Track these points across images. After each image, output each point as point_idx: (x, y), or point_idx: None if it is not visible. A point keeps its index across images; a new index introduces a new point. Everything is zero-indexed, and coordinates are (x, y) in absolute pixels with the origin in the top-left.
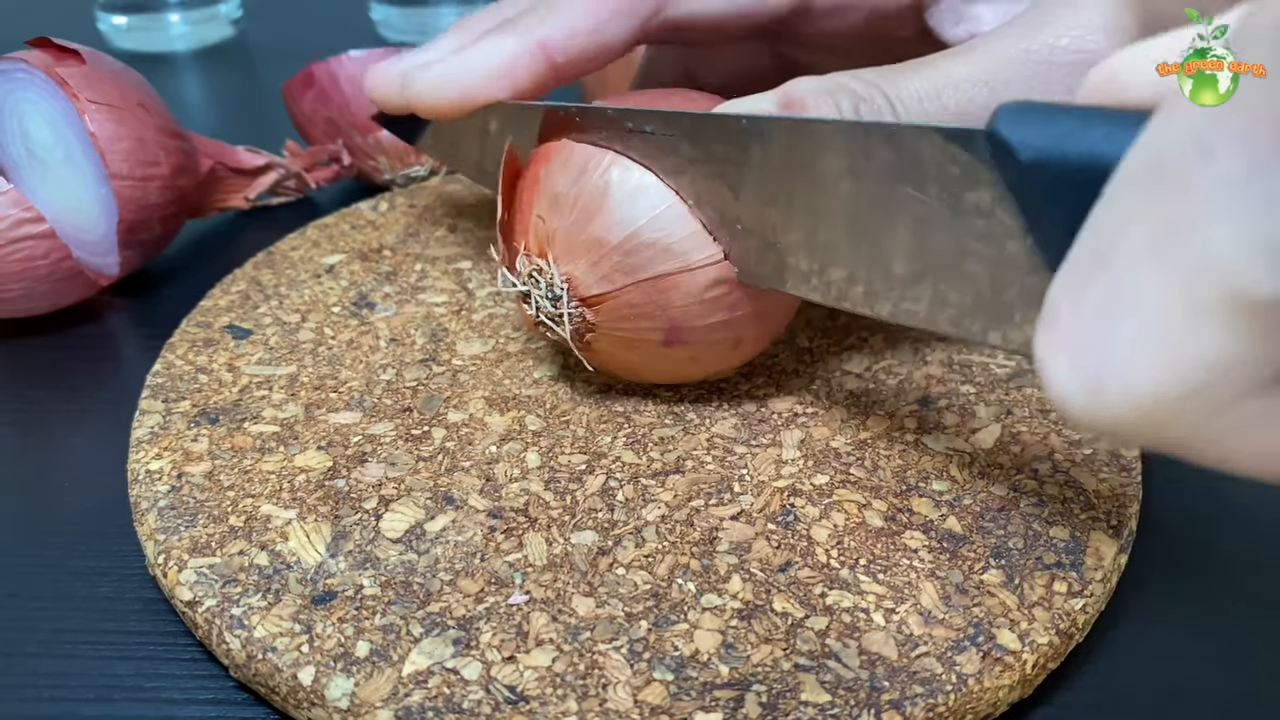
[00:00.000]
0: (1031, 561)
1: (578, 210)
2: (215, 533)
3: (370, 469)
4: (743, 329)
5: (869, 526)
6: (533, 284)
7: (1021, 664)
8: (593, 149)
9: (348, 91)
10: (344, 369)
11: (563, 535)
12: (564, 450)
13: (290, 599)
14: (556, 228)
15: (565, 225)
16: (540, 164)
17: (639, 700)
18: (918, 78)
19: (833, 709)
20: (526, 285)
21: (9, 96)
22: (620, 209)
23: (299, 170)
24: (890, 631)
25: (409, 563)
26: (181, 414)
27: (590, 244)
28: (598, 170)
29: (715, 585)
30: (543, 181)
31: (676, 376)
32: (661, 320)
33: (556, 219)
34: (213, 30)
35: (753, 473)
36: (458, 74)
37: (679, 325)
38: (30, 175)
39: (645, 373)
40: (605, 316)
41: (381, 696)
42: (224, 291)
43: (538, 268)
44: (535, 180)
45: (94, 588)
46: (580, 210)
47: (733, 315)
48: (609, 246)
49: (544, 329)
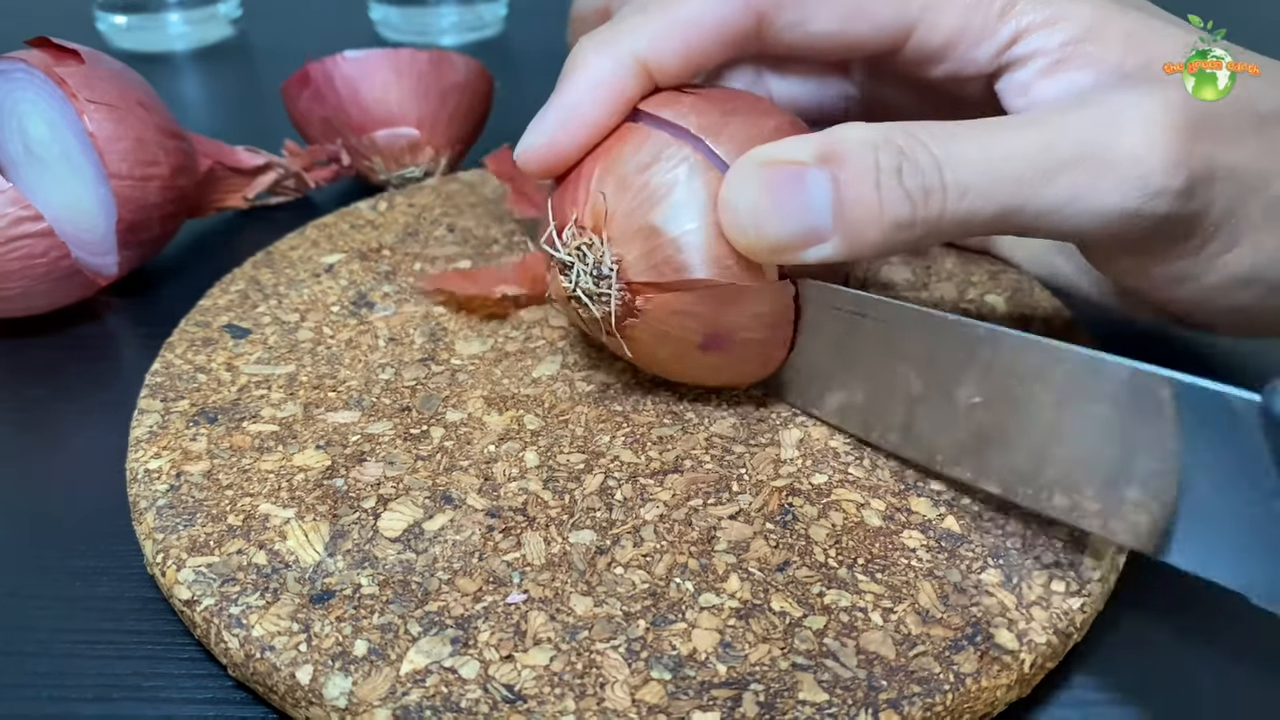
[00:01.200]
0: (1030, 561)
1: (644, 195)
2: (214, 532)
3: (369, 468)
4: (775, 349)
5: (867, 526)
6: (578, 256)
7: (1019, 664)
8: (670, 138)
9: (343, 92)
10: (343, 368)
11: (561, 534)
12: (562, 449)
13: (288, 598)
14: (617, 207)
15: (627, 207)
16: (611, 140)
17: (637, 699)
18: (970, 142)
19: (830, 708)
20: (571, 257)
21: (8, 96)
22: (687, 206)
23: (298, 170)
24: (888, 631)
25: (407, 562)
26: (180, 413)
27: (649, 231)
28: (671, 162)
29: (713, 584)
30: (612, 158)
31: (693, 379)
32: (705, 324)
33: (618, 198)
34: (212, 30)
35: (751, 472)
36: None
37: (720, 333)
38: (29, 174)
39: (666, 369)
40: (651, 306)
41: (379, 695)
42: (223, 291)
43: (588, 242)
44: (601, 154)
45: (93, 587)
46: (646, 196)
47: (772, 335)
48: (666, 238)
49: (576, 304)
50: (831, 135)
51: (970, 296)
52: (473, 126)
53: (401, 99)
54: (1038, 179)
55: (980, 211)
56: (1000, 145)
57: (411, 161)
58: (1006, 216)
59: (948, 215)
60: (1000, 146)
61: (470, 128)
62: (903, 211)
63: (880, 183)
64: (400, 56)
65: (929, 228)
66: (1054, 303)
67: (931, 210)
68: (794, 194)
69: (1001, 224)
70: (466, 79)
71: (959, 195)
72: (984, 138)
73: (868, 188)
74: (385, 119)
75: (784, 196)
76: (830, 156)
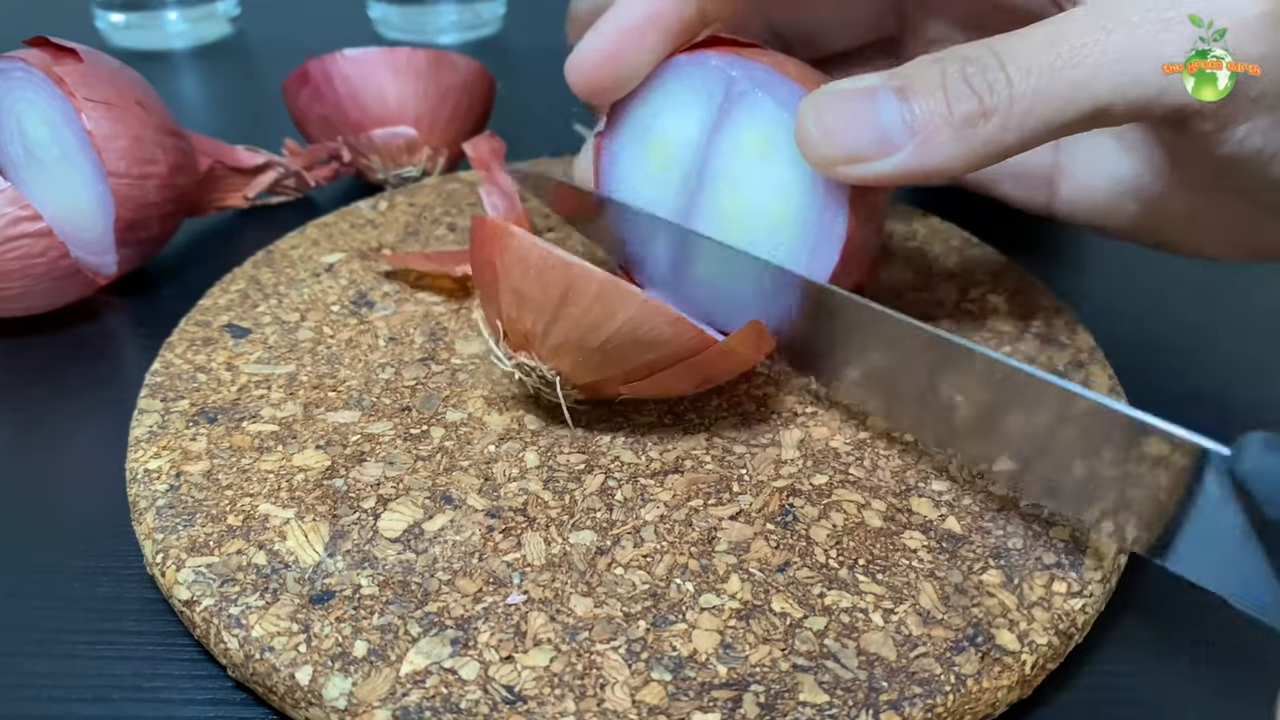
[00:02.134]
0: (1031, 562)
1: (548, 315)
2: (213, 532)
3: (369, 468)
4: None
5: (868, 526)
6: (523, 371)
7: (1020, 664)
8: (544, 247)
9: (341, 90)
10: (343, 368)
11: (561, 535)
12: (562, 450)
13: (288, 598)
14: (531, 328)
15: (540, 327)
16: (492, 251)
17: (637, 700)
18: (1034, 43)
19: (831, 709)
20: (515, 371)
21: (7, 95)
22: (591, 312)
23: (298, 169)
24: (889, 632)
25: (407, 562)
26: (180, 413)
27: (570, 345)
28: (558, 273)
29: (714, 585)
30: (501, 275)
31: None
32: (684, 379)
33: (529, 319)
34: (211, 28)
35: (752, 472)
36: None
37: (700, 377)
38: (28, 174)
39: None
40: (612, 389)
41: (379, 696)
42: (223, 290)
43: (524, 361)
44: (492, 269)
45: (92, 587)
46: (551, 315)
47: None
48: (590, 348)
49: None
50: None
51: (972, 296)
52: (472, 126)
53: (399, 98)
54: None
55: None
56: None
57: (409, 161)
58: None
59: (1016, 104)
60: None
61: (469, 127)
62: (970, 106)
63: (946, 85)
64: (398, 55)
65: (1000, 123)
66: (1055, 302)
67: (999, 100)
68: (865, 108)
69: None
70: (466, 79)
71: (1022, 81)
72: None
73: (934, 89)
74: (383, 118)
75: (856, 111)
76: (897, 74)
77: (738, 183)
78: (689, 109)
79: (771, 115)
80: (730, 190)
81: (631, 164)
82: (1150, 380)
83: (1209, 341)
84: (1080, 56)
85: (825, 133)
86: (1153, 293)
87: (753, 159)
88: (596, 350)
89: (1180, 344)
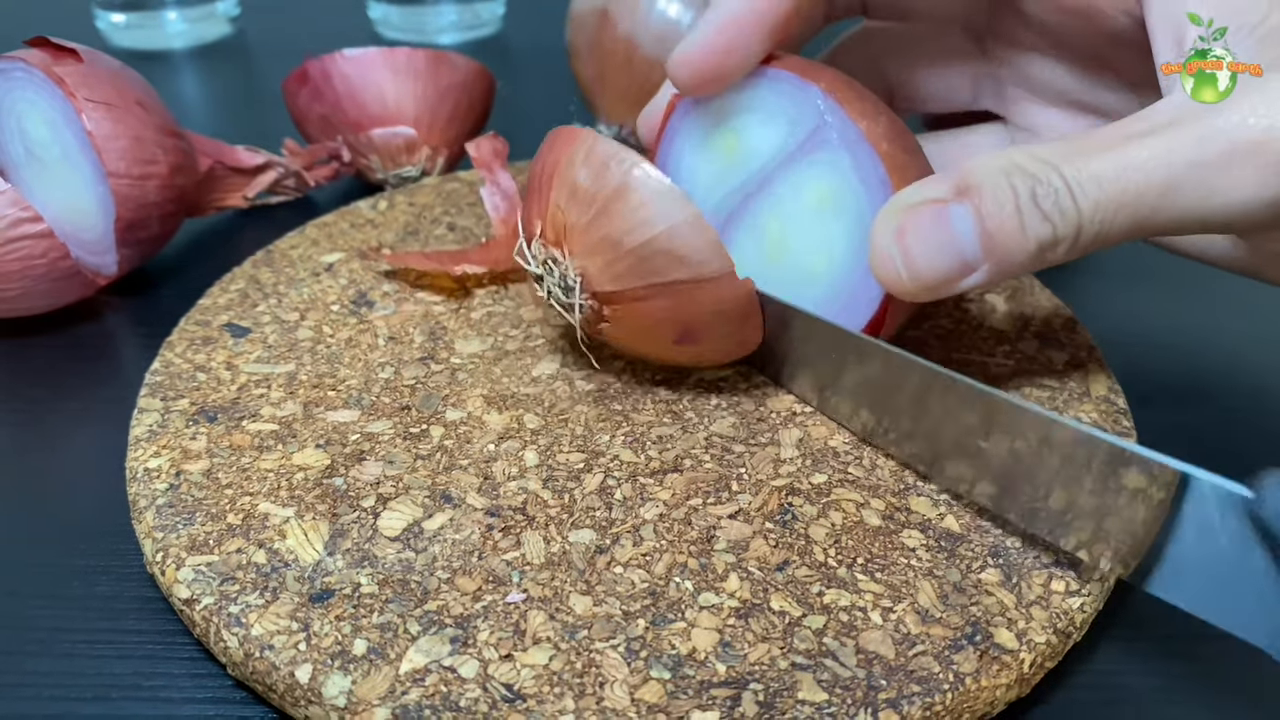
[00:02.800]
0: (1029, 560)
1: (596, 207)
2: (213, 531)
3: (368, 467)
4: (748, 334)
5: (867, 525)
6: (546, 271)
7: (1019, 663)
8: (617, 146)
9: (341, 90)
10: (342, 367)
11: (560, 534)
12: (562, 449)
13: (288, 597)
14: (574, 221)
15: (583, 220)
16: (561, 149)
17: (636, 699)
18: (1097, 159)
19: (830, 708)
20: (540, 270)
21: (7, 95)
22: (638, 213)
23: (298, 169)
24: (888, 630)
25: (407, 561)
26: (180, 412)
27: (607, 243)
28: (620, 169)
29: (713, 584)
30: (564, 169)
31: (675, 363)
32: (674, 322)
33: (575, 212)
34: (210, 28)
35: (751, 471)
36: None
37: (691, 328)
38: (28, 174)
39: (647, 358)
40: (618, 312)
41: (379, 694)
42: (223, 290)
43: (552, 256)
44: (555, 165)
45: (92, 586)
46: (599, 208)
47: (740, 326)
48: (624, 249)
49: (554, 310)
50: (961, 170)
51: (971, 296)
52: (472, 126)
53: (398, 98)
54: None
55: (1114, 224)
56: (1126, 157)
57: (408, 160)
58: (1141, 226)
59: (1085, 232)
60: (1126, 158)
61: (469, 127)
62: (1045, 233)
63: (1020, 207)
64: (397, 55)
65: (1069, 244)
66: (1055, 301)
67: (1070, 229)
68: (940, 230)
69: (1140, 232)
70: (465, 78)
71: (1092, 212)
72: (1108, 152)
73: (1009, 213)
74: (382, 117)
75: (930, 234)
76: (966, 189)
77: (788, 220)
78: (774, 123)
79: (844, 179)
80: (778, 222)
81: (699, 142)
82: (1150, 379)
83: (1209, 341)
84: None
85: (905, 257)
86: (1153, 293)
87: (810, 208)
88: (630, 253)
89: (1180, 343)
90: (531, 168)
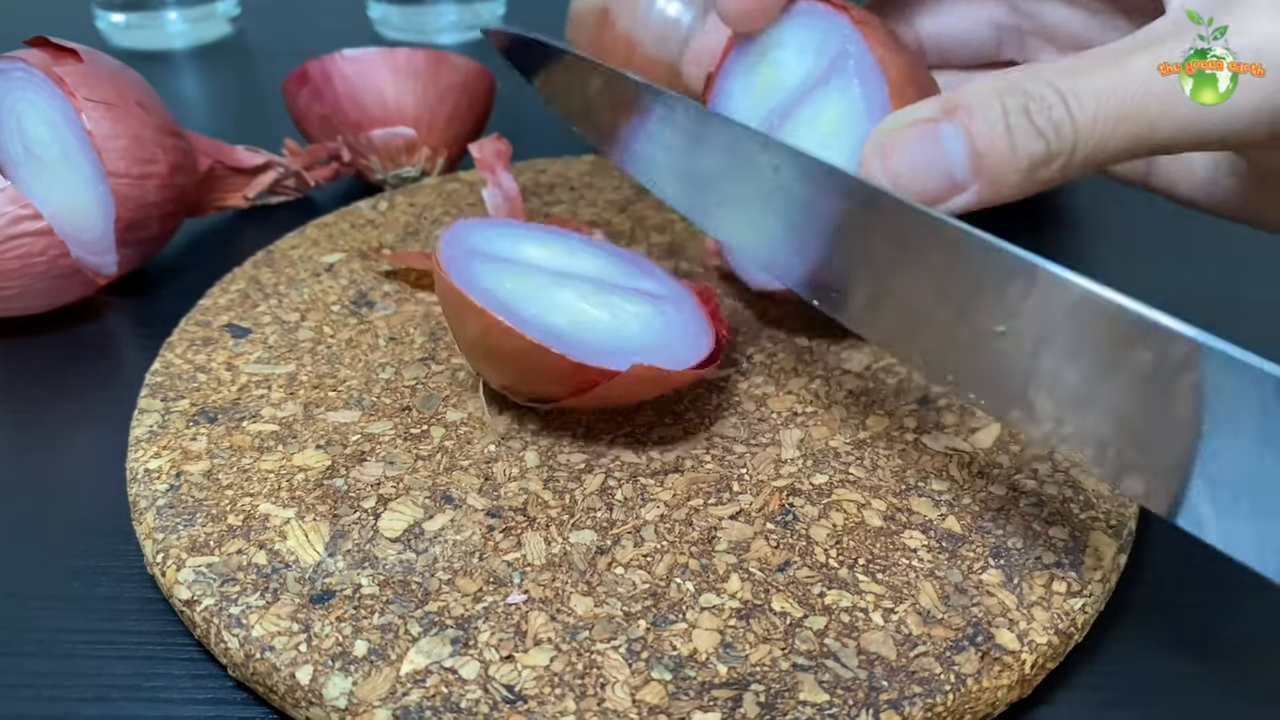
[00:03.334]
0: (1031, 561)
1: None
2: (214, 532)
3: (369, 468)
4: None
5: (868, 526)
6: None
7: (1020, 664)
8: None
9: (340, 90)
10: (343, 368)
11: (561, 534)
12: (563, 449)
13: (288, 598)
14: None
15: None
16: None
17: (637, 700)
18: (1094, 73)
19: (831, 709)
20: None
21: (7, 95)
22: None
23: (298, 169)
24: (889, 631)
25: (407, 562)
26: (180, 413)
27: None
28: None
29: (714, 585)
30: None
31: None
32: None
33: None
34: (211, 28)
35: (752, 472)
36: None
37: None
38: (28, 173)
39: None
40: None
41: (379, 695)
42: (223, 290)
43: None
44: None
45: (92, 587)
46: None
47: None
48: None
49: None
50: (955, 92)
51: None
52: (472, 126)
53: (398, 98)
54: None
55: (1112, 139)
56: (1123, 69)
57: (408, 161)
58: (1140, 139)
59: (1080, 147)
60: (1123, 70)
61: (469, 128)
62: (1037, 148)
63: (1010, 124)
64: (397, 56)
65: (1065, 162)
66: None
67: (1064, 144)
68: (927, 149)
69: (1138, 147)
70: (465, 79)
71: (1089, 125)
72: (1107, 67)
73: (999, 131)
74: (382, 118)
75: (917, 153)
76: (956, 108)
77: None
78: (805, 54)
79: (851, 105)
80: None
81: (746, 80)
82: None
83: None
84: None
85: (892, 175)
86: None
87: (819, 135)
88: (481, 358)
89: None
90: None
